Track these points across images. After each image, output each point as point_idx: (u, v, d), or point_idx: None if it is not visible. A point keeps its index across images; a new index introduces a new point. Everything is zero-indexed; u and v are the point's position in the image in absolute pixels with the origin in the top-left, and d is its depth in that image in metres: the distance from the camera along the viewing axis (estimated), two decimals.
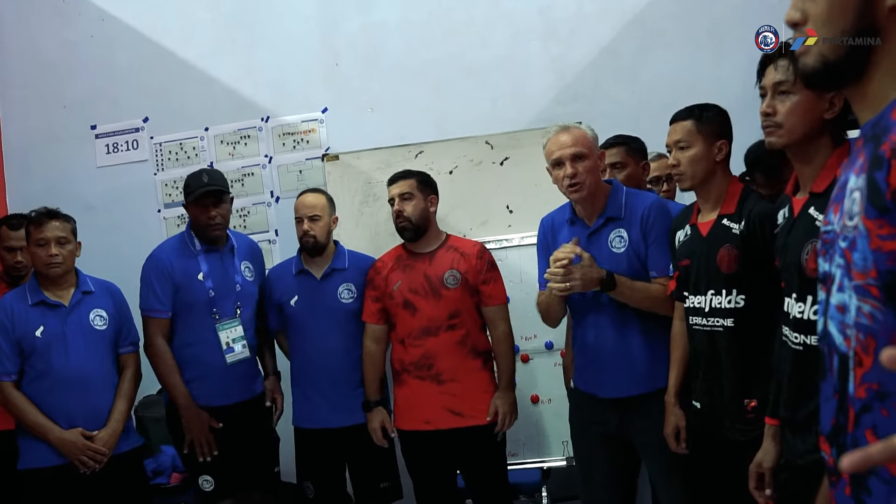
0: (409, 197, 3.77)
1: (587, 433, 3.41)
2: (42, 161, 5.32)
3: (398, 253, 3.89)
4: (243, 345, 3.94)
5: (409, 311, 3.75)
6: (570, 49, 4.98)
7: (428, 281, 3.75)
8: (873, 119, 1.27)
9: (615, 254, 3.26)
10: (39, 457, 3.65)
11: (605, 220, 3.29)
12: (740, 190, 2.90)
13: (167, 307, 3.87)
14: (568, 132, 3.30)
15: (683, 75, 4.78)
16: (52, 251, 3.68)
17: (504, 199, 4.58)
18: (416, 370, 3.74)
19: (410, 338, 3.75)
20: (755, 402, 2.73)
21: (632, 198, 3.33)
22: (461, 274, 3.73)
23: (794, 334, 2.30)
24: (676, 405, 3.08)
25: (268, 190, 5.19)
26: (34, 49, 5.36)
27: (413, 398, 3.76)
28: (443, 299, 3.71)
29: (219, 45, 5.24)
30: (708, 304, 2.86)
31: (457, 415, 3.70)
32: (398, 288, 3.76)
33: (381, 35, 5.12)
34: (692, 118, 2.95)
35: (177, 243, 3.98)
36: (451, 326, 3.71)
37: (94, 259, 4.07)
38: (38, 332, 3.67)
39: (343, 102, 5.12)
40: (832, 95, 2.24)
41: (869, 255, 1.21)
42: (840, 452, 1.31)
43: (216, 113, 5.22)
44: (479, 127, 4.76)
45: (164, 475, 4.46)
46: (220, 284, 3.92)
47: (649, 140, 4.10)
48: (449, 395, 3.70)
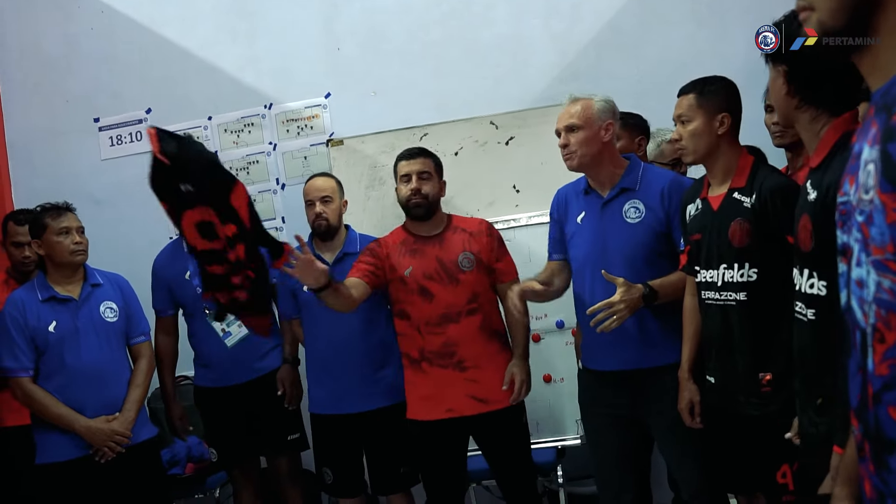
0: (427, 177, 3.68)
1: (597, 415, 3.41)
2: (46, 156, 5.32)
3: (402, 237, 3.76)
4: (238, 325, 4.07)
5: (425, 298, 3.63)
6: (572, 26, 4.95)
7: (442, 265, 3.65)
8: (883, 87, 1.25)
9: (629, 224, 3.26)
10: (57, 451, 3.67)
11: (620, 190, 3.30)
12: (751, 163, 2.88)
13: (166, 307, 4.22)
14: (572, 104, 3.34)
15: (686, 51, 4.75)
16: (76, 238, 3.75)
17: (510, 178, 4.57)
18: (438, 359, 3.62)
19: (429, 325, 3.63)
20: (770, 376, 2.73)
21: (649, 172, 3.37)
22: (475, 255, 3.66)
23: (799, 305, 2.30)
24: (690, 380, 3.07)
25: (273, 177, 5.18)
26: (35, 44, 5.35)
27: (434, 387, 3.64)
28: (460, 284, 3.62)
29: (220, 34, 5.23)
30: (720, 278, 2.84)
31: (480, 401, 3.62)
32: (410, 274, 3.65)
33: (381, 18, 5.10)
34: (694, 92, 2.96)
35: (172, 246, 4.26)
36: (470, 311, 3.62)
37: (102, 252, 4.09)
38: (50, 328, 3.70)
39: (346, 87, 5.11)
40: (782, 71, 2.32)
41: (886, 230, 1.19)
42: (865, 429, 1.29)
43: (219, 101, 5.21)
44: (483, 107, 4.74)
45: (179, 465, 4.47)
46: None
47: (652, 116, 4.09)
48: (472, 382, 3.61)
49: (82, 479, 3.66)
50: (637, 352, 3.26)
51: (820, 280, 2.16)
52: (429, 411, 3.66)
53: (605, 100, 3.36)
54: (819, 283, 2.16)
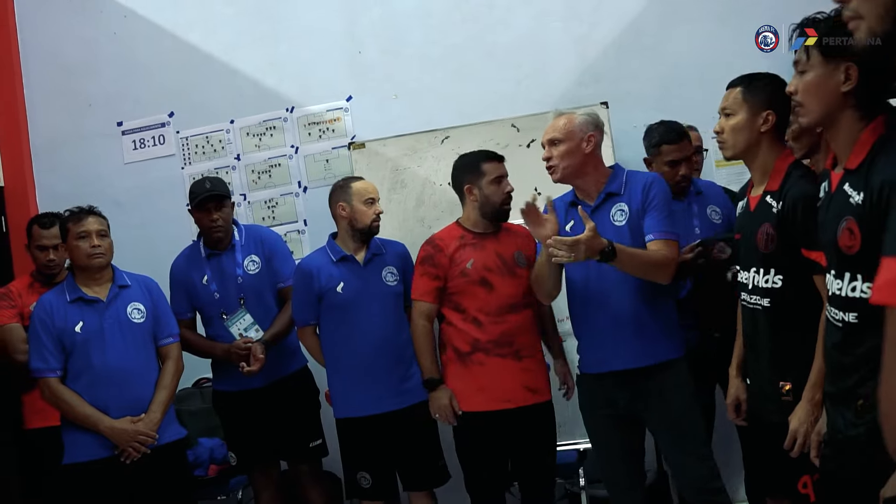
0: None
1: (598, 418, 3.48)
2: (70, 160, 5.35)
3: (459, 233, 3.83)
4: (256, 329, 4.14)
5: (485, 288, 3.71)
6: (593, 28, 4.95)
7: (501, 259, 3.74)
8: None
9: (617, 227, 3.36)
10: (84, 451, 3.69)
11: (606, 195, 3.41)
12: (787, 166, 2.81)
13: (185, 310, 4.22)
14: (556, 119, 3.48)
15: (707, 52, 4.75)
16: (94, 241, 3.76)
17: (532, 181, 4.54)
18: (497, 348, 3.68)
19: (488, 315, 3.70)
20: (790, 385, 2.72)
21: (632, 176, 3.47)
22: (525, 255, 3.76)
23: (833, 310, 2.27)
24: (738, 377, 3.10)
25: (295, 180, 5.20)
26: (57, 49, 5.39)
27: (490, 377, 3.68)
28: (517, 278, 3.72)
29: (241, 38, 5.25)
30: (752, 281, 2.83)
31: (533, 391, 3.70)
32: (472, 265, 3.72)
33: (402, 21, 5.12)
34: (741, 86, 2.90)
35: (189, 251, 4.29)
36: (527, 304, 3.73)
37: (125, 255, 4.10)
38: (77, 328, 3.72)
39: (367, 90, 5.12)
40: (846, 67, 2.19)
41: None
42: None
43: (241, 105, 5.24)
44: (504, 110, 4.76)
45: (202, 467, 4.49)
46: (221, 285, 4.17)
47: (674, 117, 4.07)
48: (527, 371, 3.70)
49: (108, 479, 3.67)
50: (633, 351, 3.31)
51: (864, 283, 2.12)
52: (484, 402, 3.70)
53: (589, 113, 3.48)
54: (863, 285, 2.11)
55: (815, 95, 2.26)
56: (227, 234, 4.18)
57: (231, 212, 4.21)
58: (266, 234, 4.37)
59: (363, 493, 4.01)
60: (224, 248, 4.18)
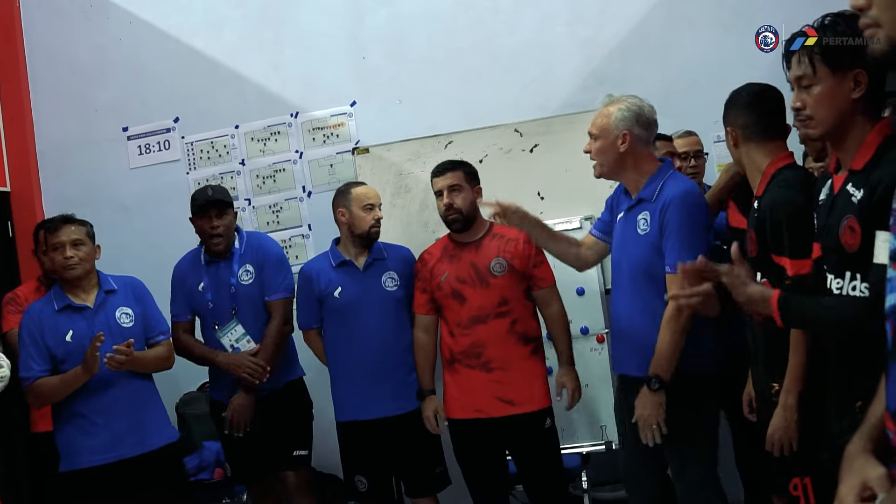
0: (458, 189, 3.77)
1: (624, 415, 3.45)
2: (76, 165, 5.36)
3: (444, 244, 3.90)
4: (248, 340, 4.09)
5: (457, 301, 3.76)
6: (598, 32, 4.95)
7: (475, 269, 3.75)
8: None
9: (639, 235, 3.23)
10: (80, 459, 3.69)
11: (638, 200, 3.26)
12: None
13: (185, 311, 4.19)
14: (600, 111, 3.32)
15: (712, 56, 4.74)
16: (66, 253, 3.72)
17: (535, 186, 4.58)
18: (466, 359, 3.74)
19: (460, 327, 3.76)
20: (777, 386, 2.73)
21: (669, 184, 3.21)
22: (507, 261, 3.74)
23: None
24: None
25: (300, 185, 5.21)
26: (64, 54, 5.41)
27: (463, 387, 3.76)
28: (490, 287, 3.72)
29: (246, 43, 5.26)
30: None
31: (507, 403, 3.70)
32: (446, 279, 3.78)
33: (406, 26, 5.12)
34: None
35: (192, 255, 4.25)
36: (499, 314, 3.71)
37: (130, 259, 4.12)
38: (67, 338, 3.71)
39: (371, 95, 5.13)
40: (855, 73, 2.18)
41: None
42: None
43: (246, 110, 5.25)
44: (508, 115, 4.77)
45: (208, 471, 4.51)
46: (216, 293, 4.12)
47: (678, 121, 4.07)
48: (497, 383, 3.70)
49: (103, 485, 3.65)
50: (631, 359, 3.28)
51: (862, 282, 2.12)
52: (459, 410, 3.79)
53: (632, 106, 3.25)
54: (861, 285, 2.11)
55: (828, 107, 2.23)
56: (228, 243, 4.12)
57: (233, 221, 4.17)
58: (264, 243, 4.28)
59: (360, 497, 4.03)
60: (224, 257, 4.14)
